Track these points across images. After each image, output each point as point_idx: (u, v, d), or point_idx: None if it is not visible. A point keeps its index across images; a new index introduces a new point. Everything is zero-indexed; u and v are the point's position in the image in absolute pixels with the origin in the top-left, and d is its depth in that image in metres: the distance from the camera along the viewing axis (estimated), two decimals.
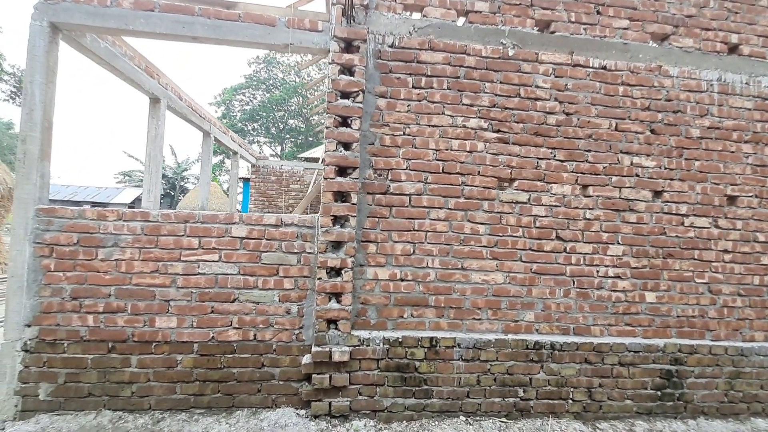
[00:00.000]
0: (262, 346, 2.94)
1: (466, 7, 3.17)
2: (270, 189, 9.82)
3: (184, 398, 2.85)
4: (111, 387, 2.79)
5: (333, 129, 2.95)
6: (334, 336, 2.91)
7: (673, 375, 3.25)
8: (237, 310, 2.92)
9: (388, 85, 3.10)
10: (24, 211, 2.75)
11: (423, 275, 3.10)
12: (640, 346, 3.21)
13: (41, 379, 2.74)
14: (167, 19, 2.88)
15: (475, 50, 3.16)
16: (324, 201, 2.93)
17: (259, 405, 2.92)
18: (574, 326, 3.22)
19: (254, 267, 2.95)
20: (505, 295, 3.17)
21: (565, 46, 3.25)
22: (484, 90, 3.17)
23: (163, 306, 2.86)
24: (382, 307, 3.06)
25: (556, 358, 3.12)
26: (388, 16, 3.10)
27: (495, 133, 3.18)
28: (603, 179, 3.28)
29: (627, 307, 3.28)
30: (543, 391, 3.11)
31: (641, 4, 3.33)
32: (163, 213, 2.88)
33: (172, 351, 2.86)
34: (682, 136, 3.37)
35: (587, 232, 3.26)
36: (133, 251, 2.84)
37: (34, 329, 2.75)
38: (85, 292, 2.79)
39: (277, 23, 2.99)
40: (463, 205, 3.15)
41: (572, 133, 3.25)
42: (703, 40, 3.40)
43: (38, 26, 2.78)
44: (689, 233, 3.36)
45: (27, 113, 2.77)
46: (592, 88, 3.27)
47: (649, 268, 3.31)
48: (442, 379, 3.02)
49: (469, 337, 3.06)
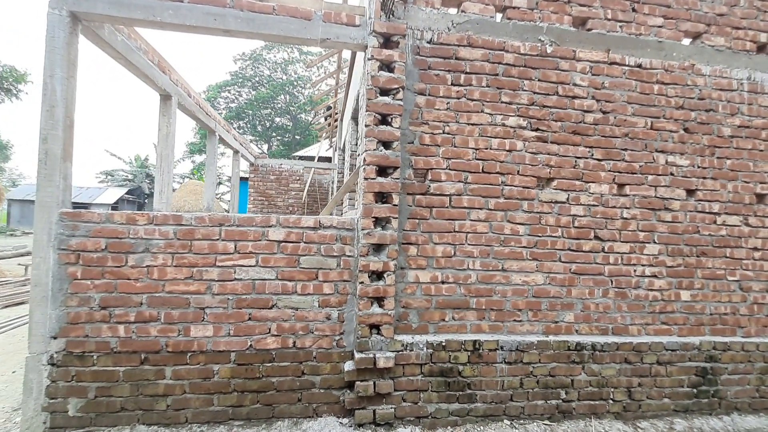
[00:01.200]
0: (301, 354, 2.83)
1: (504, 2, 3.09)
2: (269, 188, 9.61)
3: (222, 410, 2.72)
4: (145, 400, 2.64)
5: (373, 127, 2.84)
6: (377, 341, 2.82)
7: (708, 372, 3.27)
8: (275, 316, 2.80)
9: (427, 82, 3.01)
10: (47, 216, 2.56)
11: (464, 277, 3.03)
12: (676, 344, 3.21)
13: (70, 394, 2.56)
14: (197, 11, 2.72)
15: (514, 47, 3.10)
16: (365, 202, 2.83)
17: (299, 415, 2.81)
18: (613, 326, 3.21)
19: (293, 272, 2.82)
20: (545, 296, 3.13)
21: (601, 44, 3.21)
22: (522, 88, 3.11)
23: (199, 314, 2.71)
24: (424, 311, 2.98)
25: (597, 359, 3.10)
26: (426, 11, 3.00)
27: (534, 132, 3.13)
28: (639, 178, 3.26)
29: (663, 306, 3.28)
30: (584, 392, 3.09)
31: (675, 2, 3.32)
32: (197, 216, 2.73)
33: (209, 361, 2.72)
34: (714, 135, 3.38)
35: (624, 231, 3.24)
36: (165, 257, 2.68)
37: (60, 341, 2.57)
38: (115, 301, 2.63)
39: (313, 17, 2.86)
40: (503, 206, 3.09)
41: (609, 131, 3.22)
42: (734, 39, 3.42)
43: (57, 15, 2.58)
44: (721, 231, 3.38)
45: (48, 110, 2.58)
46: (628, 87, 3.25)
47: (684, 267, 3.32)
48: (485, 382, 2.97)
49: (512, 340, 3.00)
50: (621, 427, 3.04)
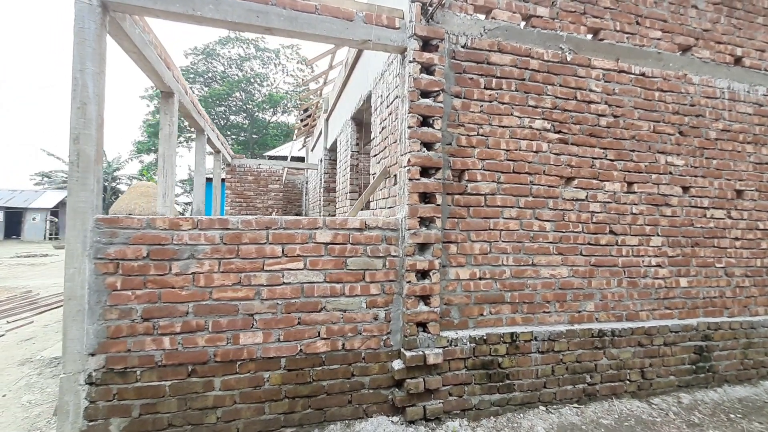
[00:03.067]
0: (350, 356, 2.82)
1: (529, 11, 3.27)
2: (248, 190, 9.27)
3: (274, 418, 2.65)
4: (193, 414, 2.51)
5: (416, 129, 2.89)
6: (425, 339, 2.88)
7: (703, 350, 3.66)
8: (324, 319, 2.77)
9: (463, 85, 3.10)
10: (81, 223, 2.35)
11: (499, 273, 3.17)
12: (679, 326, 3.57)
13: (112, 414, 2.38)
14: (240, 7, 2.62)
15: (538, 54, 3.28)
16: (410, 203, 2.87)
17: (350, 417, 2.81)
18: (626, 313, 3.50)
19: (340, 273, 2.81)
20: (570, 288, 3.35)
21: (612, 53, 3.48)
22: (546, 92, 3.30)
23: (248, 321, 2.62)
24: (464, 307, 3.08)
25: (616, 344, 3.37)
26: (461, 16, 3.10)
27: (557, 134, 3.33)
28: (645, 177, 3.58)
29: (666, 293, 3.63)
30: (606, 375, 3.34)
31: (670, 17, 3.67)
32: (243, 220, 2.63)
33: (259, 369, 2.64)
34: (702, 138, 3.78)
35: (634, 225, 3.54)
36: (212, 263, 2.56)
37: (99, 358, 2.38)
38: (159, 312, 2.47)
39: (355, 18, 2.86)
40: (532, 204, 3.26)
41: (619, 134, 3.50)
42: (717, 52, 3.84)
43: (87, 5, 2.38)
44: (710, 224, 3.79)
45: (79, 107, 2.37)
46: (634, 93, 3.55)
47: (682, 256, 3.69)
48: (522, 372, 3.13)
49: (544, 330, 3.19)
50: (638, 405, 3.33)
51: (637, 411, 3.24)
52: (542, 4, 3.29)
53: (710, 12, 3.81)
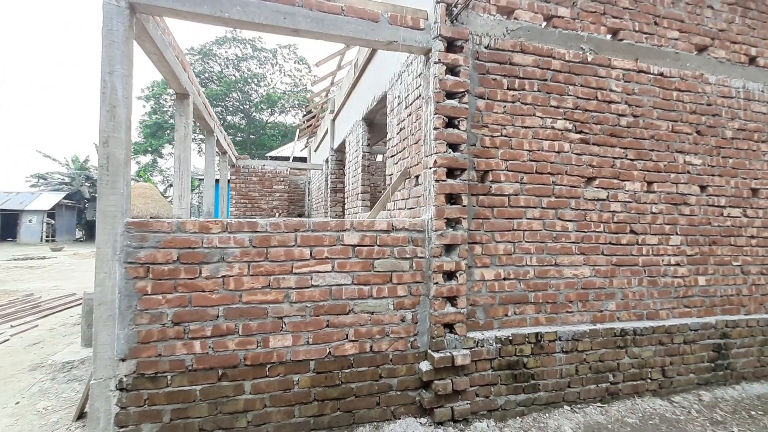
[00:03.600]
0: (378, 357, 2.81)
1: (550, 12, 3.27)
2: (252, 190, 9.22)
3: (304, 421, 2.64)
4: (224, 419, 2.49)
5: (442, 130, 2.89)
6: (452, 340, 2.88)
7: (722, 348, 3.68)
8: (352, 322, 2.76)
9: (486, 86, 3.10)
10: (111, 227, 2.33)
11: (523, 273, 3.17)
12: (698, 324, 3.59)
13: (142, 419, 2.36)
14: (267, 8, 2.60)
15: (560, 54, 3.28)
16: (437, 204, 2.87)
17: (379, 419, 2.80)
18: (647, 312, 3.52)
19: (368, 275, 2.80)
20: (592, 287, 3.36)
21: (631, 54, 3.50)
22: (568, 93, 3.31)
23: (277, 324, 2.61)
24: (489, 307, 3.08)
25: (637, 343, 3.39)
26: (484, 17, 3.10)
27: (578, 134, 3.34)
28: (664, 176, 3.59)
29: (685, 291, 3.65)
30: (628, 373, 3.35)
31: (687, 17, 3.69)
32: (272, 222, 2.61)
33: (288, 372, 2.62)
34: (719, 137, 3.80)
35: (653, 225, 3.56)
36: (241, 266, 2.54)
37: (130, 363, 2.35)
38: (190, 316, 2.45)
39: (380, 19, 2.85)
40: (554, 204, 3.27)
41: (639, 134, 3.52)
42: (732, 52, 3.87)
43: (115, 7, 2.35)
44: (727, 222, 3.82)
45: (108, 111, 2.34)
46: (653, 93, 3.57)
47: (700, 255, 3.71)
48: (546, 372, 3.13)
49: (568, 330, 3.19)
50: (660, 403, 3.35)
51: (660, 409, 3.26)
52: (563, 4, 3.29)
53: (725, 12, 3.83)
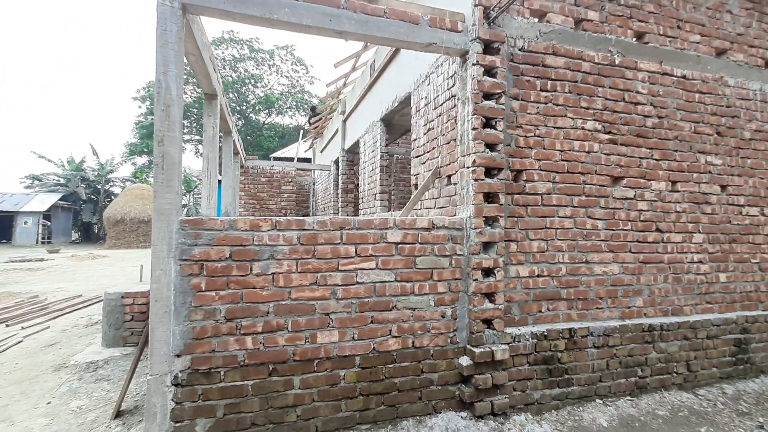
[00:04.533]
0: (420, 353, 2.87)
1: (580, 15, 3.35)
2: (261, 191, 9.23)
3: (350, 415, 2.69)
4: (275, 413, 2.53)
5: (480, 130, 2.96)
6: (490, 335, 2.94)
7: (742, 342, 3.79)
8: (395, 318, 2.82)
9: (520, 87, 3.18)
10: (166, 225, 2.36)
11: (556, 270, 3.25)
12: (720, 320, 3.69)
13: (197, 415, 2.39)
14: (313, 11, 2.65)
15: (589, 56, 3.37)
16: (475, 202, 2.93)
17: (421, 413, 2.85)
18: (672, 308, 3.61)
19: (410, 272, 2.86)
20: (620, 284, 3.44)
21: (656, 56, 3.59)
22: (597, 94, 3.40)
23: (324, 320, 2.65)
24: (524, 304, 3.15)
25: (664, 338, 3.47)
26: (518, 20, 3.17)
27: (607, 135, 3.42)
28: (687, 176, 3.69)
29: (707, 288, 3.75)
30: (655, 368, 3.44)
31: (708, 22, 3.80)
32: (318, 221, 2.66)
33: (335, 367, 2.67)
34: (738, 138, 3.92)
35: (677, 223, 3.65)
36: (290, 263, 2.59)
37: (185, 359, 2.39)
38: (242, 312, 2.49)
39: (420, 21, 2.91)
40: (585, 203, 3.35)
41: (664, 135, 3.61)
42: (749, 56, 3.98)
43: (168, 7, 2.39)
44: (745, 221, 3.93)
45: (163, 110, 2.38)
46: (677, 95, 3.67)
47: (721, 253, 3.81)
48: (579, 367, 3.21)
49: (599, 326, 3.27)
50: (687, 396, 3.44)
51: (687, 402, 3.35)
52: (593, 8, 3.38)
53: (743, 17, 3.95)
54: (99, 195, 26.67)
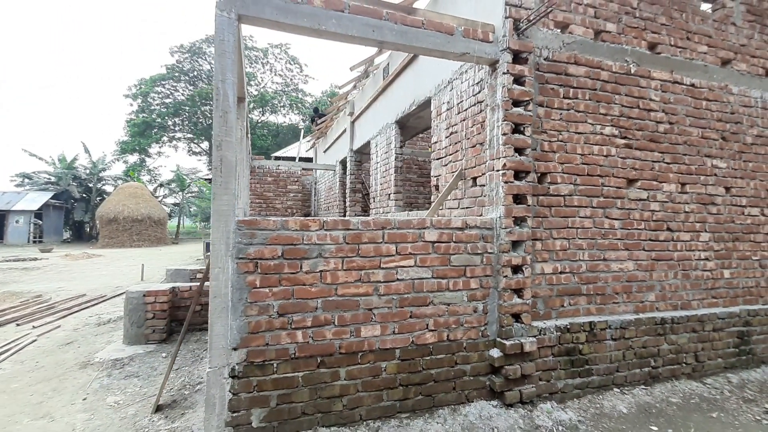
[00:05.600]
0: (454, 346, 3.04)
1: (600, 27, 3.55)
2: (267, 191, 9.32)
3: (391, 405, 2.85)
4: (323, 403, 2.68)
5: (510, 135, 3.13)
6: (519, 329, 3.13)
7: (744, 335, 4.04)
8: (432, 313, 2.98)
9: (545, 95, 3.36)
10: (224, 225, 2.49)
11: (576, 267, 3.45)
12: (724, 314, 3.94)
13: (252, 405, 2.53)
14: (358, 22, 2.80)
15: (607, 66, 3.57)
16: (506, 203, 3.11)
17: (454, 402, 3.03)
18: (681, 302, 3.84)
19: (445, 270, 3.02)
20: (635, 280, 3.66)
21: (667, 66, 3.82)
22: (614, 101, 3.60)
23: (368, 315, 2.81)
24: (548, 299, 3.35)
25: (674, 330, 3.71)
26: (544, 31, 3.36)
27: (623, 140, 3.63)
28: (695, 178, 3.93)
29: (713, 283, 3.99)
30: (667, 359, 3.67)
31: (714, 33, 4.04)
32: (362, 221, 2.81)
33: (377, 359, 2.83)
34: (741, 143, 4.17)
35: (686, 223, 3.89)
36: (336, 261, 2.74)
37: (241, 352, 2.52)
38: (293, 308, 2.63)
39: (455, 32, 3.07)
40: (603, 204, 3.55)
41: (674, 139, 3.84)
42: (751, 65, 4.24)
43: (226, 18, 2.52)
44: (747, 221, 4.18)
45: (221, 116, 2.51)
46: (686, 102, 3.90)
47: (725, 250, 4.06)
48: (598, 358, 3.41)
49: (616, 319, 3.49)
50: (696, 385, 3.68)
51: (697, 390, 3.58)
52: (611, 20, 3.58)
53: (746, 29, 4.20)
54: (91, 193, 26.29)
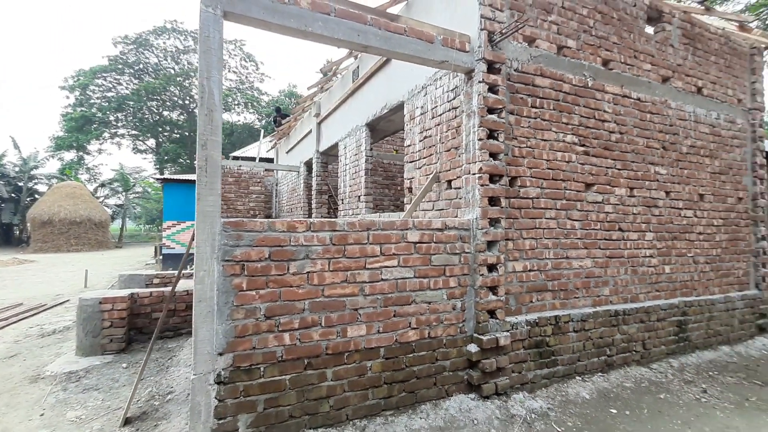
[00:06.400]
0: (434, 343, 3.15)
1: (562, 43, 3.85)
2: (228, 192, 8.97)
3: (376, 403, 2.90)
4: (310, 405, 2.68)
5: (486, 141, 3.31)
6: (494, 324, 3.31)
7: (682, 324, 4.53)
8: (414, 311, 3.07)
9: (515, 103, 3.59)
10: (210, 226, 2.42)
11: (543, 265, 3.70)
12: (666, 305, 4.39)
13: (239, 411, 2.47)
14: (344, 25, 2.84)
15: (569, 79, 3.88)
16: (482, 206, 3.28)
17: (435, 397, 3.14)
18: (631, 296, 4.24)
19: (426, 269, 3.13)
20: (593, 276, 3.99)
21: (618, 81, 4.21)
22: (574, 112, 3.91)
23: (354, 315, 2.84)
24: (518, 295, 3.56)
25: (625, 321, 4.08)
26: (514, 44, 3.58)
27: (582, 147, 3.96)
28: (641, 183, 4.36)
29: (656, 278, 4.44)
30: (620, 347, 4.03)
31: (656, 53, 4.51)
32: (348, 222, 2.84)
33: (363, 359, 2.87)
34: (678, 152, 4.68)
35: (634, 223, 4.30)
36: (323, 262, 2.75)
37: (227, 357, 2.46)
38: (280, 310, 2.61)
39: (435, 41, 3.20)
40: (565, 206, 3.84)
41: (624, 148, 4.24)
42: (686, 83, 4.77)
43: (212, 14, 2.46)
44: (683, 221, 4.70)
45: (206, 114, 2.44)
46: (634, 115, 4.31)
47: (666, 248, 4.53)
48: (563, 349, 3.68)
49: (577, 313, 3.78)
50: (644, 370, 4.07)
51: (646, 375, 3.97)
52: (571, 37, 3.89)
53: (681, 50, 4.73)
54: (21, 193, 23.75)
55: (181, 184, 10.53)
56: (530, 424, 3.01)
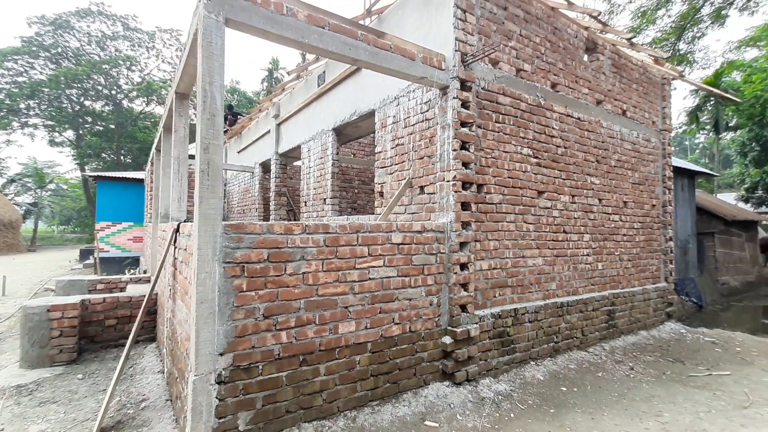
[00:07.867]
0: (414, 336, 3.42)
1: (520, 66, 4.34)
2: None
3: (364, 394, 3.09)
4: (305, 399, 2.80)
5: (459, 151, 3.66)
6: (465, 318, 3.66)
7: (611, 312, 5.28)
8: (397, 308, 3.32)
9: (483, 118, 3.99)
10: (211, 229, 2.46)
11: (504, 264, 4.14)
12: (600, 297, 5.10)
13: (239, 409, 2.53)
14: (337, 39, 3.01)
15: (525, 98, 4.38)
16: (455, 210, 3.62)
17: (415, 386, 3.40)
18: (572, 289, 4.86)
19: (408, 268, 3.39)
20: (543, 273, 4.53)
21: (563, 102, 4.82)
22: (529, 127, 4.42)
23: (345, 312, 3.01)
24: (485, 291, 3.96)
25: (569, 312, 4.68)
26: (481, 65, 3.98)
27: (535, 159, 4.48)
28: (580, 191, 5.01)
29: (592, 273, 5.13)
30: (564, 335, 4.62)
31: (592, 79, 5.22)
32: (339, 225, 3.01)
33: (352, 353, 3.05)
34: (608, 165, 5.44)
35: (575, 226, 4.93)
36: (317, 263, 2.89)
37: (227, 357, 2.51)
38: (278, 309, 2.70)
39: (416, 58, 3.48)
40: (522, 211, 4.33)
41: (568, 160, 4.86)
42: (614, 106, 5.56)
43: (214, 21, 2.50)
44: (612, 224, 5.47)
45: (208, 119, 2.47)
46: (575, 132, 4.96)
47: (599, 248, 5.25)
48: (520, 338, 4.15)
49: (531, 305, 4.28)
50: (584, 354, 4.69)
51: (585, 358, 4.59)
52: (527, 61, 4.40)
53: (611, 78, 5.51)
54: None
55: (117, 183, 9.75)
56: (498, 405, 3.39)
